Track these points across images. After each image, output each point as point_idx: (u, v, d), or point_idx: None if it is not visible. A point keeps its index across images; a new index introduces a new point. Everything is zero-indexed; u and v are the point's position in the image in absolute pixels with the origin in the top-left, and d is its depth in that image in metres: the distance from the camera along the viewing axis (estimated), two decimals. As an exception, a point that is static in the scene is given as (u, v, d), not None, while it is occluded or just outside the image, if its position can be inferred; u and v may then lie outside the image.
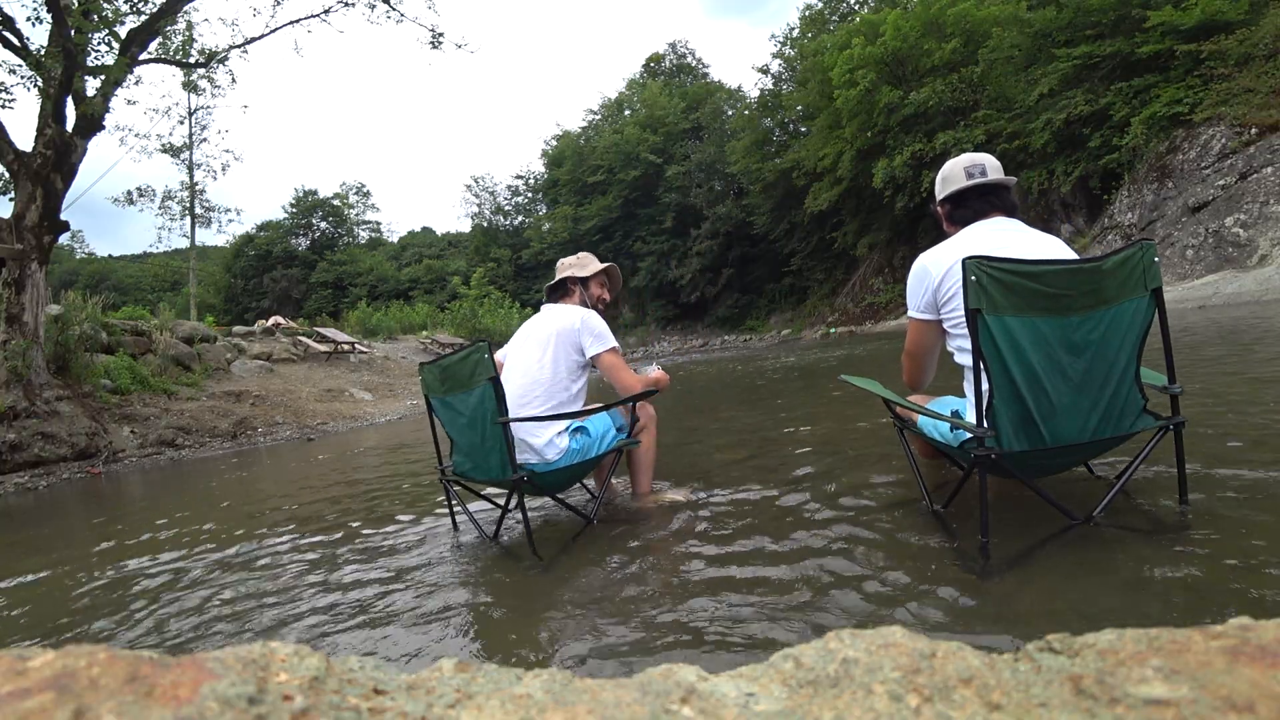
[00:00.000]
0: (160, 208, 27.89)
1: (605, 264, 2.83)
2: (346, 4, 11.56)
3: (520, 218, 53.71)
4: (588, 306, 2.70)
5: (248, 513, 3.87)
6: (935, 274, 1.81)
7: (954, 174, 1.96)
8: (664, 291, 42.36)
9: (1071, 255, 1.75)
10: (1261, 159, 13.66)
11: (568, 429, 2.51)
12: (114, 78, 8.60)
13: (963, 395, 1.98)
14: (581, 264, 2.81)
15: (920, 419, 2.03)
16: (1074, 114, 18.94)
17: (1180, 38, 16.63)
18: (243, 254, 52.92)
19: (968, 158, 1.96)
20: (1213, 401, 3.09)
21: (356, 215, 58.15)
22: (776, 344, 26.69)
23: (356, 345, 14.66)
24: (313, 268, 51.04)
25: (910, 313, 1.95)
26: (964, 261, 1.55)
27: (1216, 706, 0.35)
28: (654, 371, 2.67)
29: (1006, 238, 1.81)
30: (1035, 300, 1.55)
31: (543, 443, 2.40)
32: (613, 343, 2.56)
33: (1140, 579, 1.44)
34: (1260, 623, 0.42)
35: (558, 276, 2.80)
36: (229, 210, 37.33)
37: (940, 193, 2.02)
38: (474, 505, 2.92)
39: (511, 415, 2.24)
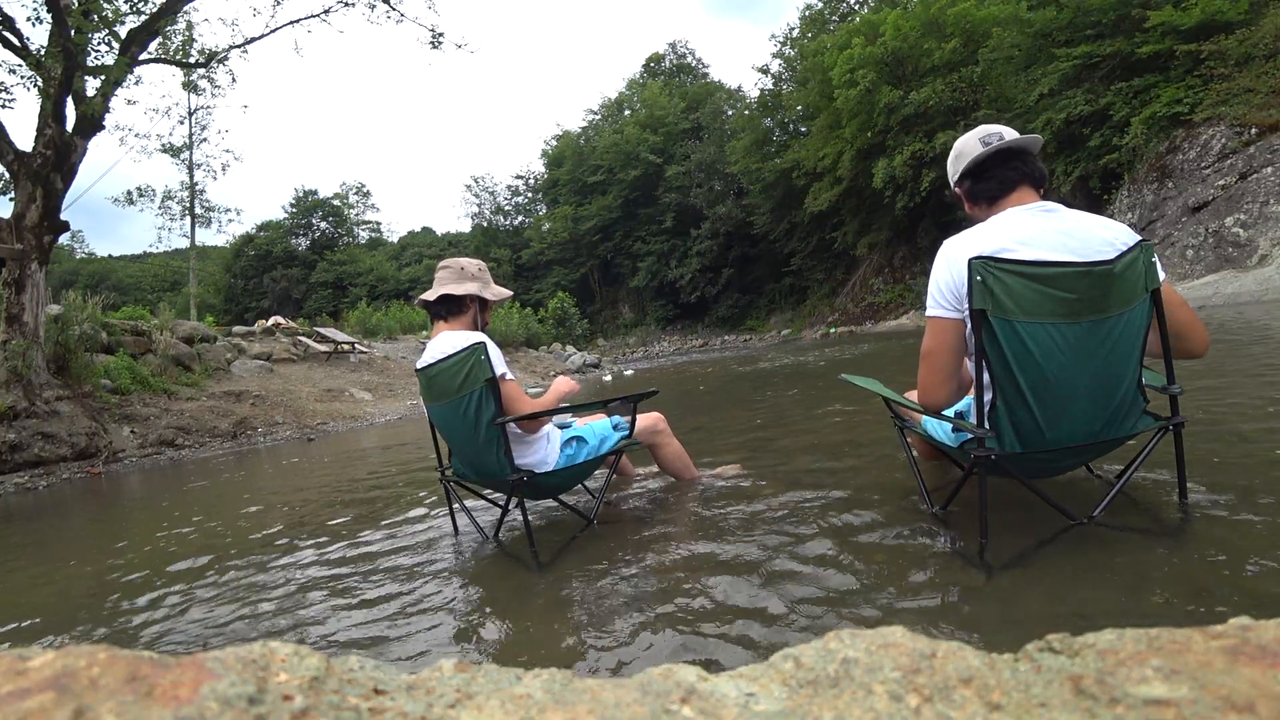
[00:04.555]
0: (160, 208, 27.94)
1: (508, 292, 2.55)
2: (346, 4, 11.57)
3: (520, 218, 53.80)
4: (477, 327, 2.45)
5: (247, 513, 3.87)
6: (962, 265, 1.57)
7: (968, 146, 1.76)
8: (664, 291, 42.39)
9: (1123, 238, 1.58)
10: (1261, 159, 13.67)
11: (561, 442, 2.51)
12: (114, 78, 8.60)
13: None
14: (484, 279, 2.47)
15: (922, 418, 2.01)
16: (1074, 114, 18.95)
17: (1180, 38, 16.64)
18: (243, 254, 52.97)
19: (981, 128, 1.76)
20: (1212, 401, 3.09)
21: (356, 215, 58.24)
22: (777, 344, 26.69)
23: (356, 345, 14.65)
24: (313, 268, 51.08)
25: (929, 309, 1.68)
26: (970, 261, 1.51)
27: (1216, 706, 0.35)
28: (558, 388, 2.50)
29: (1043, 223, 1.59)
30: (1043, 304, 1.50)
31: (538, 457, 2.40)
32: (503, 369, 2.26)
33: (1140, 579, 1.44)
34: (1260, 623, 0.42)
35: (456, 284, 2.40)
36: (229, 210, 37.32)
37: (955, 171, 1.80)
38: (474, 506, 2.92)
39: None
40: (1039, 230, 1.58)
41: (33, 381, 7.69)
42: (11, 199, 8.50)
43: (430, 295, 2.43)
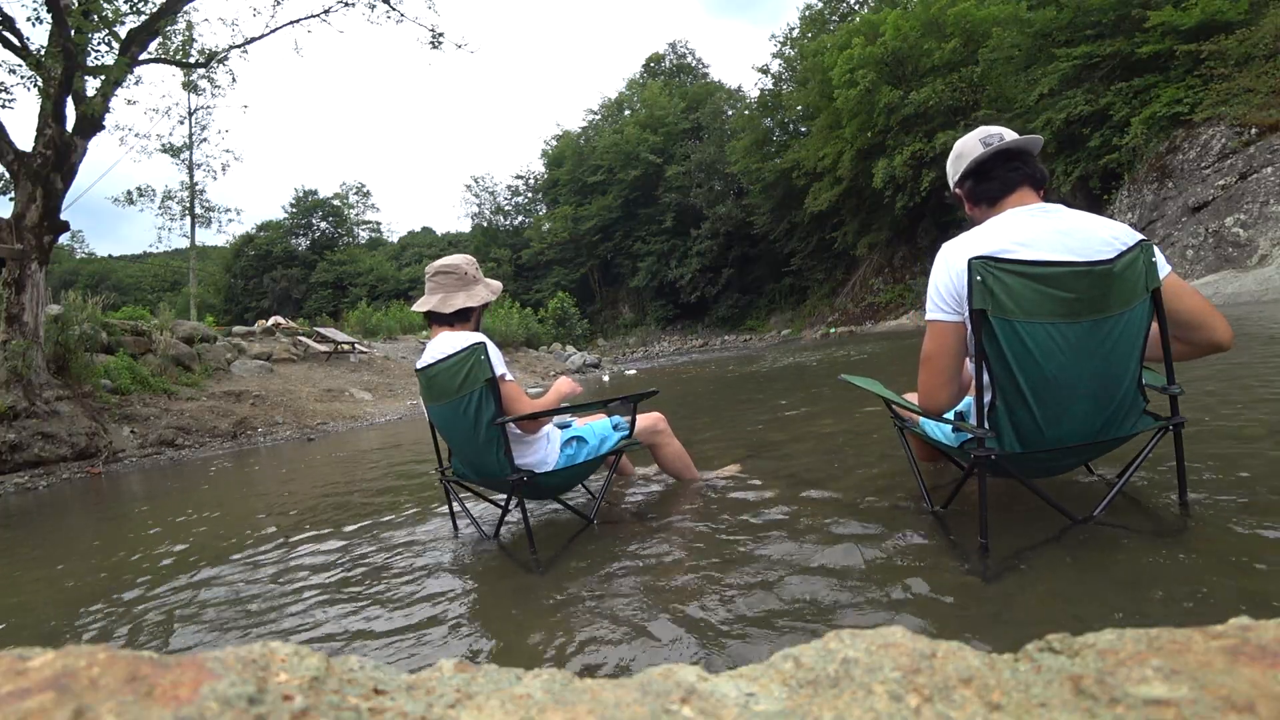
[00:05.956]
0: (160, 208, 27.96)
1: (499, 283, 2.54)
2: (346, 4, 11.56)
3: (520, 218, 53.82)
4: (478, 328, 2.46)
5: (247, 513, 3.87)
6: (961, 266, 1.57)
7: (969, 147, 1.76)
8: (664, 291, 42.40)
9: (1123, 237, 1.56)
10: (1261, 159, 13.67)
11: (561, 442, 2.51)
12: (114, 78, 8.60)
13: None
14: (481, 277, 2.46)
15: (921, 418, 2.01)
16: (1074, 114, 18.96)
17: (1180, 38, 16.65)
18: (243, 254, 52.98)
19: (981, 129, 1.76)
20: (1212, 401, 3.09)
21: (356, 215, 58.27)
22: (777, 344, 26.70)
23: (356, 345, 14.65)
24: (313, 268, 51.09)
25: (929, 313, 1.67)
26: (970, 261, 1.50)
27: (1216, 706, 0.35)
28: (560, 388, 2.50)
29: (1042, 224, 1.58)
30: (1043, 304, 1.49)
31: (538, 457, 2.40)
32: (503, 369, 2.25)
33: (1140, 579, 1.44)
34: (1260, 623, 0.42)
35: (466, 294, 2.38)
36: (229, 210, 37.32)
37: (956, 172, 1.79)
38: (474, 506, 2.92)
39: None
40: (1038, 231, 1.57)
41: (33, 381, 7.69)
42: (11, 199, 8.50)
43: (444, 308, 2.35)
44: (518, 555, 2.29)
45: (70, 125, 8.51)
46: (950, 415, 1.83)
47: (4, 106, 8.91)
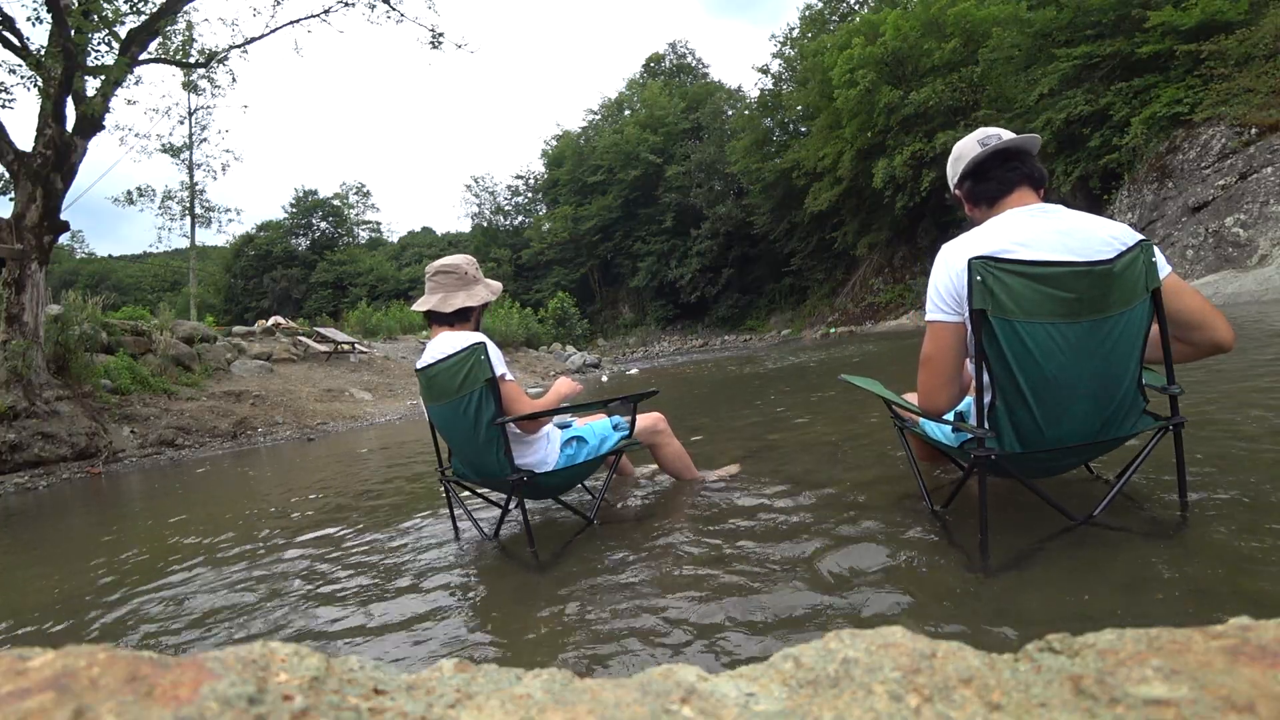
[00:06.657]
0: (160, 208, 27.99)
1: (500, 284, 2.54)
2: (346, 4, 11.57)
3: (520, 218, 53.80)
4: (478, 328, 2.46)
5: (247, 513, 3.87)
6: (960, 267, 1.56)
7: (967, 148, 1.77)
8: (664, 291, 42.39)
9: (1123, 237, 1.56)
10: (1261, 159, 13.66)
11: (561, 442, 2.51)
12: (114, 78, 8.61)
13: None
14: (481, 277, 2.46)
15: (921, 418, 2.01)
16: (1074, 114, 18.94)
17: (1180, 38, 16.63)
18: (243, 254, 52.98)
19: (979, 131, 1.77)
20: (1212, 401, 3.09)
21: (356, 215, 58.26)
22: (777, 344, 26.69)
23: (356, 345, 14.64)
24: (313, 268, 51.08)
25: (929, 314, 1.67)
26: (970, 261, 1.50)
27: (1216, 706, 0.35)
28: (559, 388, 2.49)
29: (1042, 224, 1.58)
30: (1043, 304, 1.49)
31: (538, 457, 2.40)
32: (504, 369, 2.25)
33: (1140, 579, 1.44)
34: (1260, 623, 0.42)
35: (466, 293, 2.38)
36: (229, 210, 37.35)
37: (955, 174, 1.80)
38: (474, 506, 2.92)
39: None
40: (1038, 231, 1.57)
41: (33, 381, 7.69)
42: (11, 199, 8.51)
43: (444, 307, 2.36)
44: (518, 555, 2.29)
45: (70, 125, 8.51)
46: (950, 415, 1.82)
47: (4, 106, 8.92)
